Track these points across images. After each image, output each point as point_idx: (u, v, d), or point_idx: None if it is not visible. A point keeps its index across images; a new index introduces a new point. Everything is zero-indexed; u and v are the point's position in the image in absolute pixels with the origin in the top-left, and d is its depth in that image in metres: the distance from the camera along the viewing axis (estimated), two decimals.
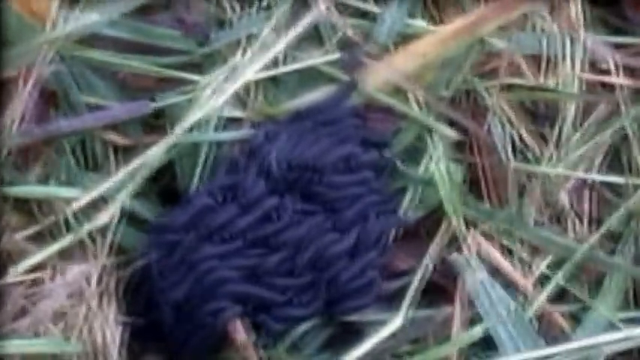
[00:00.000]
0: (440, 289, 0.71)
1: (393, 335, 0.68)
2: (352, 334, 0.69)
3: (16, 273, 0.66)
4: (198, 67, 0.74)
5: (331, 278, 0.69)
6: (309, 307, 0.69)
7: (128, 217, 0.70)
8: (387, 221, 0.71)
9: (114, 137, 0.73)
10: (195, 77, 0.73)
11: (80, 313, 0.66)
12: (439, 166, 0.72)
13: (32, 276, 0.67)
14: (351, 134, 0.72)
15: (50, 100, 0.72)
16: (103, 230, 0.69)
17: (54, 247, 0.68)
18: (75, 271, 0.66)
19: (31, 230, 0.69)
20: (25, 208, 0.70)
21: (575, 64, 0.75)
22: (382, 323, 0.69)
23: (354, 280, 0.69)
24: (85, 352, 0.65)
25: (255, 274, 0.68)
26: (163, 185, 0.72)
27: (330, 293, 0.69)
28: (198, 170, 0.71)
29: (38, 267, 0.67)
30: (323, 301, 0.69)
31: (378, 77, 0.75)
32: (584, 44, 0.76)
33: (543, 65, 0.75)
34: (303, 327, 0.69)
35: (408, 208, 0.72)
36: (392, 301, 0.70)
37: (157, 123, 0.73)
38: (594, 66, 0.76)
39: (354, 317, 0.70)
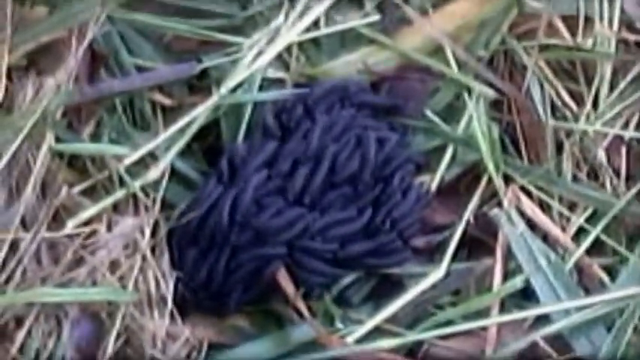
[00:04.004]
0: (480, 243, 0.72)
1: (435, 286, 0.70)
2: (395, 285, 0.71)
3: (72, 225, 0.68)
4: (240, 30, 0.75)
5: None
6: (348, 266, 0.71)
7: (175, 174, 0.72)
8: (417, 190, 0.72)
9: (160, 97, 0.74)
10: (238, 39, 0.75)
11: (135, 263, 0.67)
12: (480, 123, 0.73)
13: (88, 228, 0.68)
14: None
15: (100, 61, 0.74)
16: (155, 185, 0.70)
17: (107, 201, 0.70)
18: (129, 223, 0.68)
19: (84, 185, 0.71)
20: (79, 164, 0.72)
21: (612, 24, 0.76)
22: (424, 275, 0.70)
23: (387, 244, 0.71)
24: (140, 301, 0.67)
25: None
26: (209, 144, 0.74)
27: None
28: (241, 130, 0.73)
29: (93, 220, 0.69)
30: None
31: (416, 38, 0.76)
32: (620, 5, 0.77)
33: (580, 25, 0.76)
34: (348, 279, 0.71)
35: (448, 166, 0.74)
36: (433, 254, 0.72)
37: (201, 84, 0.75)
38: (630, 26, 0.77)
39: (396, 270, 0.71)
